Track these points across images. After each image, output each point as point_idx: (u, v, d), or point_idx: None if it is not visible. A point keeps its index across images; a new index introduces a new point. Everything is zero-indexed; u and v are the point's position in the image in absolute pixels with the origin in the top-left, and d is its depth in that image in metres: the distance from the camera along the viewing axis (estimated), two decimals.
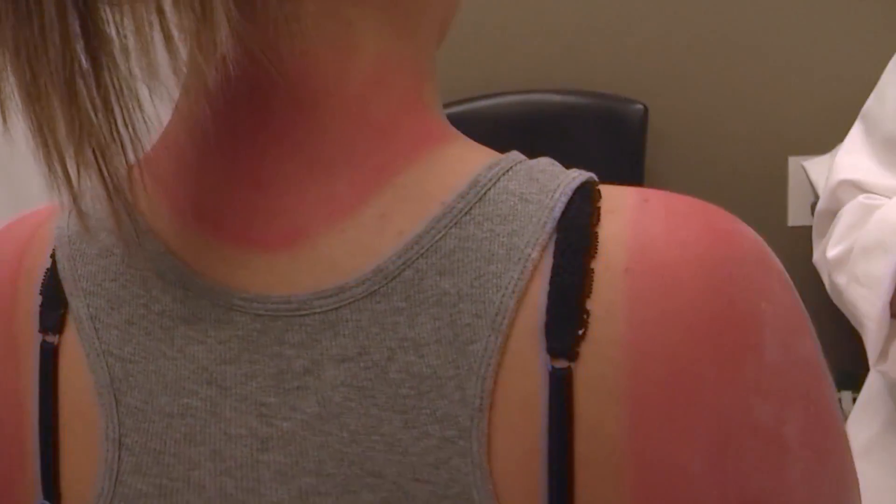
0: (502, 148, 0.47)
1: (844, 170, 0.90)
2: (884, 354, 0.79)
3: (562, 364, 0.41)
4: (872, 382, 1.00)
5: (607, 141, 2.07)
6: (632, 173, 2.05)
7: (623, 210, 0.44)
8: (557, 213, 0.43)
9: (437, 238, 0.43)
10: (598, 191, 0.45)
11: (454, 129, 0.47)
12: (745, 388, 0.43)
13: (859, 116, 0.92)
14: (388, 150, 0.44)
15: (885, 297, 0.76)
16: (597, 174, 0.47)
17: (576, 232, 0.42)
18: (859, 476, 0.96)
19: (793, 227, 2.21)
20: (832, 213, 0.91)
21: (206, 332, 0.45)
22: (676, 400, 0.42)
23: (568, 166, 0.47)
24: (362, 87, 0.45)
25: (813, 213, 2.11)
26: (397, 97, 0.45)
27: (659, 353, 0.41)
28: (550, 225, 0.43)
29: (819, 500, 0.49)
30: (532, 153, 0.48)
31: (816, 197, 2.04)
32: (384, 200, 0.44)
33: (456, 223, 0.43)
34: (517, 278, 0.42)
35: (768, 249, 0.47)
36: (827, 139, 2.08)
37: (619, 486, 0.42)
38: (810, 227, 2.19)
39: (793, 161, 2.17)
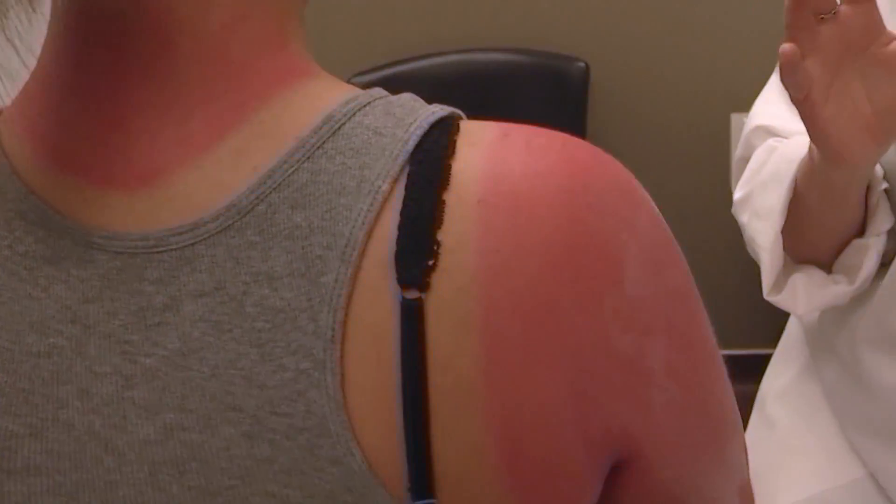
0: None
1: (758, 117, 0.91)
2: (778, 286, 0.80)
3: (412, 295, 0.41)
4: (790, 331, 1.02)
5: (549, 99, 2.07)
6: (574, 131, 2.05)
7: (481, 143, 0.44)
8: (411, 146, 0.43)
9: (289, 172, 0.43)
10: (458, 125, 0.45)
11: (317, 66, 0.47)
12: (604, 319, 0.44)
13: (777, 66, 0.93)
14: (247, 87, 0.45)
15: (776, 227, 0.77)
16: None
17: (429, 164, 0.43)
18: (776, 421, 0.98)
19: None
20: (746, 160, 0.92)
21: (68, 272, 0.45)
22: (532, 331, 0.42)
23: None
24: (222, 24, 0.45)
25: None
26: (258, 34, 0.45)
27: (513, 284, 0.42)
28: (402, 157, 0.43)
29: (688, 432, 0.50)
30: (474, 112, 0.48)
31: None
32: (241, 137, 0.44)
33: (308, 157, 0.43)
34: (366, 210, 0.42)
35: (634, 181, 0.47)
36: None
37: (474, 418, 0.42)
38: None
39: (735, 118, 2.18)
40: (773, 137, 0.88)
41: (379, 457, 0.43)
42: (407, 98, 0.46)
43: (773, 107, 0.91)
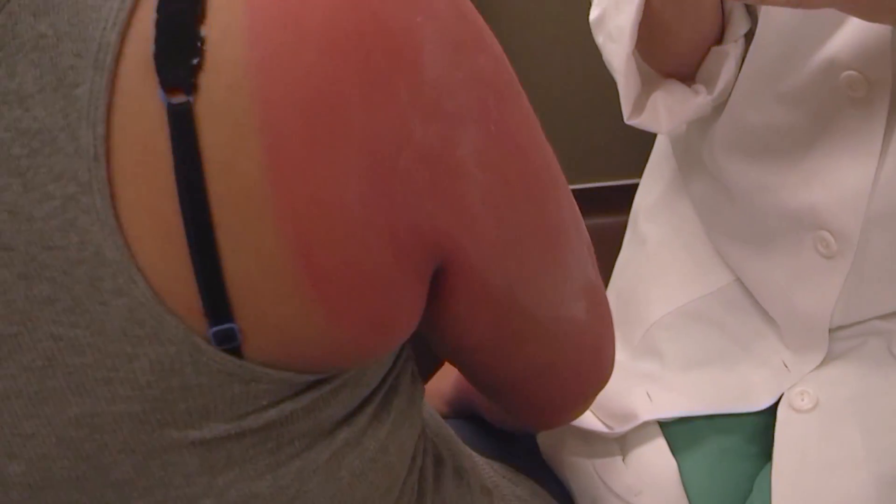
0: None
1: None
2: (638, 107, 0.78)
3: (180, 98, 0.37)
4: (658, 148, 1.00)
5: None
6: None
7: None
8: None
9: None
10: None
11: None
12: (402, 109, 0.40)
13: None
14: None
15: (627, 49, 0.74)
16: None
17: None
18: (647, 237, 0.97)
19: None
20: None
21: None
22: (317, 127, 0.39)
23: None
24: None
25: None
26: None
27: (291, 77, 0.38)
28: None
29: (509, 229, 0.47)
30: None
31: None
32: None
33: None
34: (117, 9, 0.37)
35: None
36: None
37: (264, 226, 0.39)
38: None
39: None
40: None
41: (166, 282, 0.39)
42: None
43: None
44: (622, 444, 0.82)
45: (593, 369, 0.60)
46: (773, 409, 0.80)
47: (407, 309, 0.45)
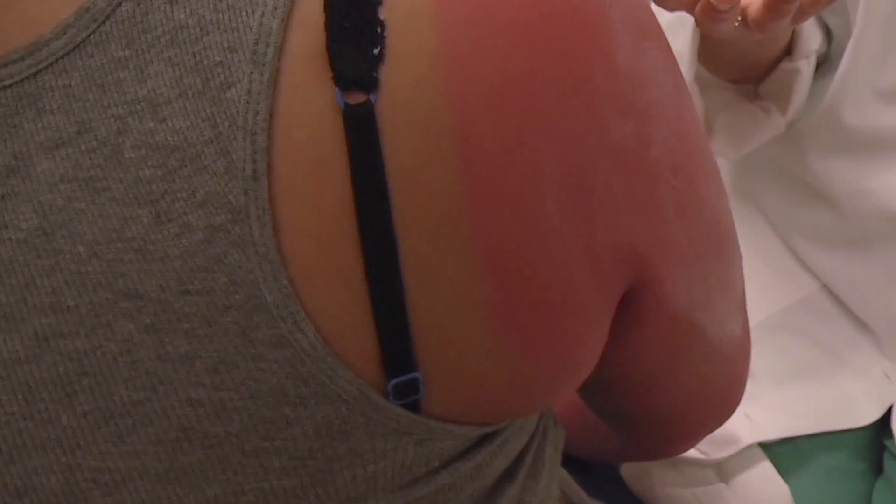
0: None
1: None
2: (707, 131, 0.73)
3: (358, 98, 0.30)
4: None
5: None
6: None
7: None
8: None
9: None
10: None
11: None
12: (599, 102, 0.33)
13: None
14: None
15: (689, 75, 0.68)
16: None
17: None
18: None
19: None
20: None
21: None
22: (514, 128, 0.32)
23: None
24: None
25: None
26: None
27: (485, 68, 0.31)
28: None
29: (697, 241, 0.41)
30: None
31: None
32: None
33: None
34: None
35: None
36: None
37: (456, 251, 0.32)
38: None
39: None
40: None
41: (337, 328, 0.32)
42: None
43: None
44: (720, 469, 0.75)
45: (738, 390, 0.53)
46: (877, 422, 0.75)
47: (597, 342, 0.38)
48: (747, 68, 0.73)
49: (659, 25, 0.39)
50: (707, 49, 0.70)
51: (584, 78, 0.33)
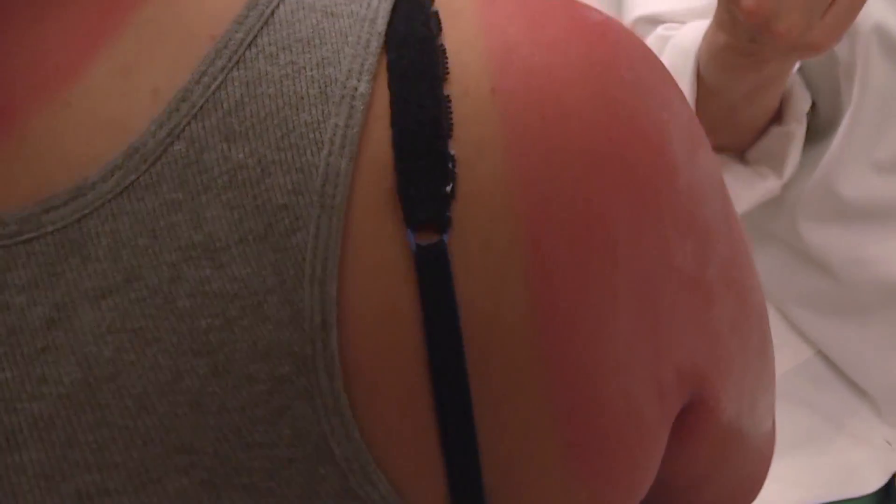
0: None
1: (637, 6, 0.81)
2: None
3: (430, 238, 0.28)
4: None
5: None
6: None
7: (466, 11, 0.31)
8: (382, 25, 0.30)
9: (212, 88, 0.28)
10: None
11: None
12: (664, 224, 0.32)
13: None
14: None
15: None
16: None
17: (414, 47, 0.29)
18: None
19: None
20: None
21: None
22: (587, 261, 0.30)
23: None
24: None
25: None
26: None
27: (558, 200, 0.30)
28: (376, 43, 0.29)
29: (747, 353, 0.40)
30: None
31: None
32: (124, 48, 0.29)
33: (238, 62, 0.29)
34: (344, 125, 0.28)
35: (638, 37, 0.36)
36: None
37: (529, 393, 0.30)
38: None
39: None
40: (662, 25, 0.78)
41: (407, 478, 0.30)
42: None
43: None
44: None
45: (764, 478, 0.52)
46: (881, 489, 0.75)
47: (657, 465, 0.36)
48: (734, 130, 0.73)
49: (702, 129, 0.38)
50: (696, 108, 0.69)
51: (652, 204, 0.32)
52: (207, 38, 0.29)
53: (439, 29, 0.30)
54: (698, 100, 0.70)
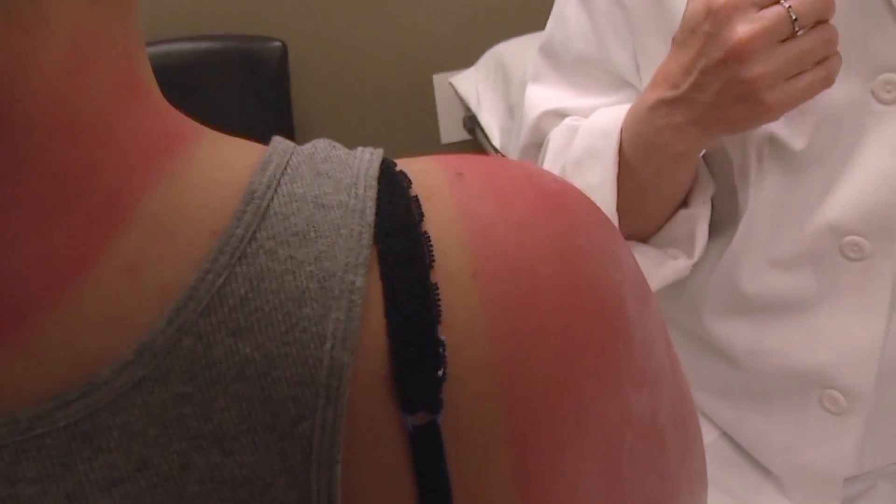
0: None
1: (542, 102, 0.85)
2: None
3: (424, 419, 0.31)
4: None
5: (248, 85, 1.93)
6: (279, 114, 1.93)
7: (440, 194, 0.34)
8: (370, 216, 0.32)
9: (217, 285, 0.30)
10: (403, 172, 0.34)
11: (192, 121, 0.34)
12: (623, 382, 0.35)
13: (539, 49, 0.87)
14: (116, 167, 0.31)
15: (610, 205, 0.72)
16: (244, 120, 0.36)
17: (401, 237, 0.32)
18: None
19: (447, 144, 2.21)
20: (538, 146, 0.86)
21: None
22: (563, 426, 0.33)
23: (209, 122, 0.35)
24: (60, 80, 0.30)
25: (465, 127, 2.12)
26: (110, 87, 0.31)
27: (535, 375, 0.32)
28: (367, 235, 0.32)
29: (692, 474, 0.43)
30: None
31: (467, 111, 2.04)
32: (129, 245, 0.30)
33: (240, 258, 0.31)
34: (345, 319, 0.30)
35: (589, 198, 0.39)
36: (467, 54, 2.08)
37: None
38: (464, 142, 2.20)
39: (437, 78, 2.15)
40: (569, 117, 0.83)
41: None
42: (324, 146, 0.35)
43: (552, 89, 0.86)
44: None
45: None
46: None
47: None
48: (643, 214, 0.76)
49: (648, 285, 0.41)
50: (621, 174, 0.72)
51: (612, 366, 0.35)
52: (208, 234, 0.31)
53: (421, 215, 0.33)
54: (621, 173, 0.73)
